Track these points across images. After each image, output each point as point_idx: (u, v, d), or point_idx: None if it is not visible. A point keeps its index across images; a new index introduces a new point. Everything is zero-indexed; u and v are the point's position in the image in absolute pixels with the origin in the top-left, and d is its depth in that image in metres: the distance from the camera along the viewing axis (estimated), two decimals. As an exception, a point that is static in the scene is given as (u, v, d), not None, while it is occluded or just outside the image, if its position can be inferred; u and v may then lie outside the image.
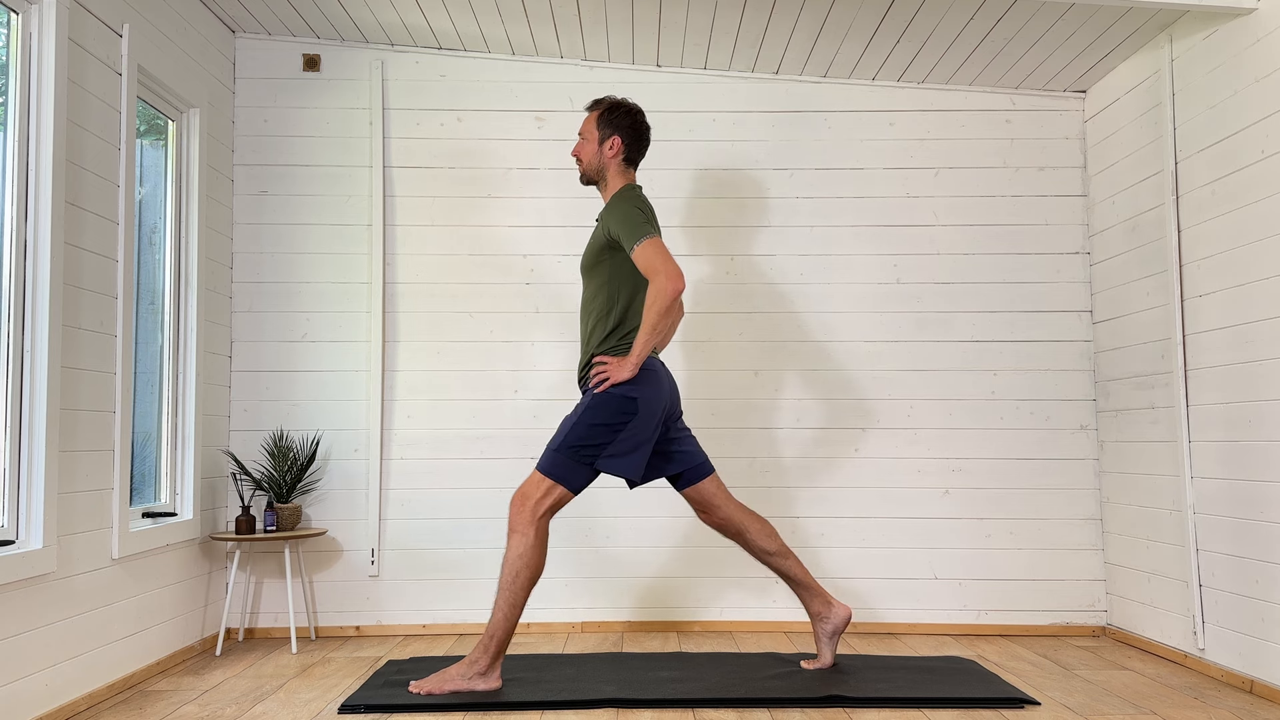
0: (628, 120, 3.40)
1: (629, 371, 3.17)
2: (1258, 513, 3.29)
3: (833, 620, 3.47)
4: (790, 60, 4.31)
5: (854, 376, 4.36)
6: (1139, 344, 3.98)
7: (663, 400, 3.27)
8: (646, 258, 3.13)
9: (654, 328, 3.14)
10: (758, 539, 3.45)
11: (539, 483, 3.20)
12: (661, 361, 3.37)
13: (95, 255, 3.27)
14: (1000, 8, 3.69)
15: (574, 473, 3.21)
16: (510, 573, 3.17)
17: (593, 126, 3.41)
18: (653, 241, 3.15)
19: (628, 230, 3.18)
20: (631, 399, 3.19)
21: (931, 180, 4.42)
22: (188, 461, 3.93)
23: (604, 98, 3.48)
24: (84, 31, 3.20)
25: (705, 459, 3.46)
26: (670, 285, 3.10)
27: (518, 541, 3.17)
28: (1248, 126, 3.32)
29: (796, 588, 3.49)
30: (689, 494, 3.45)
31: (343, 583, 4.29)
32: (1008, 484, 4.32)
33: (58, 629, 3.03)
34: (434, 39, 4.35)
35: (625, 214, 3.22)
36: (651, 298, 3.12)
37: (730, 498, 3.47)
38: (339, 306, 4.36)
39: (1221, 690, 3.34)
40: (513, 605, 3.17)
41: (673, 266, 3.12)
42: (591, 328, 3.33)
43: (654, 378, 3.25)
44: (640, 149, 3.44)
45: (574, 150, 3.46)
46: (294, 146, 4.40)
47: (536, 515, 3.18)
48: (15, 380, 2.95)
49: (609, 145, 3.38)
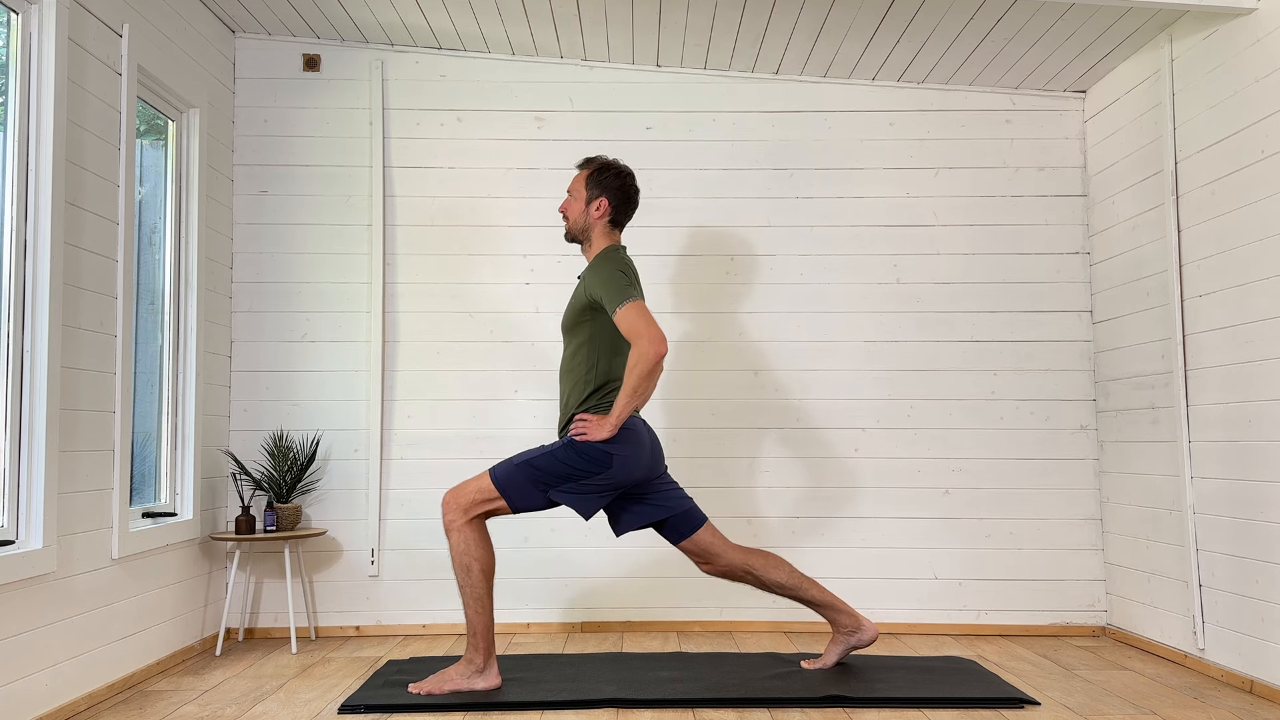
0: (616, 183, 3.37)
1: (608, 432, 3.14)
2: (1258, 513, 3.29)
3: (859, 634, 3.46)
4: (790, 60, 4.31)
5: (854, 376, 4.36)
6: (1139, 344, 3.98)
7: (641, 461, 3.23)
8: (629, 321, 3.09)
9: (635, 390, 3.11)
10: (765, 574, 3.42)
11: (485, 488, 3.18)
12: (643, 420, 3.33)
13: (95, 255, 3.27)
14: (1000, 8, 3.69)
15: (525, 494, 3.19)
16: (462, 569, 3.17)
17: (581, 186, 3.39)
18: (635, 305, 3.11)
19: (610, 293, 3.15)
20: (608, 454, 3.17)
21: (931, 180, 4.42)
22: (188, 461, 3.94)
23: (595, 157, 3.45)
24: (84, 31, 3.20)
25: (694, 507, 3.41)
26: (654, 349, 3.06)
27: (458, 539, 3.16)
28: (1248, 126, 3.32)
29: (823, 610, 3.47)
30: (686, 547, 3.40)
31: (343, 583, 4.29)
32: (1008, 484, 4.32)
33: (58, 629, 3.03)
34: (434, 39, 4.35)
35: (608, 277, 3.19)
36: (634, 361, 3.09)
37: (728, 543, 3.42)
38: (339, 306, 4.36)
39: (1221, 690, 3.34)
40: (479, 599, 3.17)
41: (656, 331, 3.08)
42: (571, 389, 3.30)
43: (635, 436, 3.21)
44: (627, 212, 3.41)
45: (561, 206, 3.43)
46: (294, 146, 4.40)
47: (469, 516, 3.17)
48: (15, 380, 2.95)
49: (596, 206, 3.35)
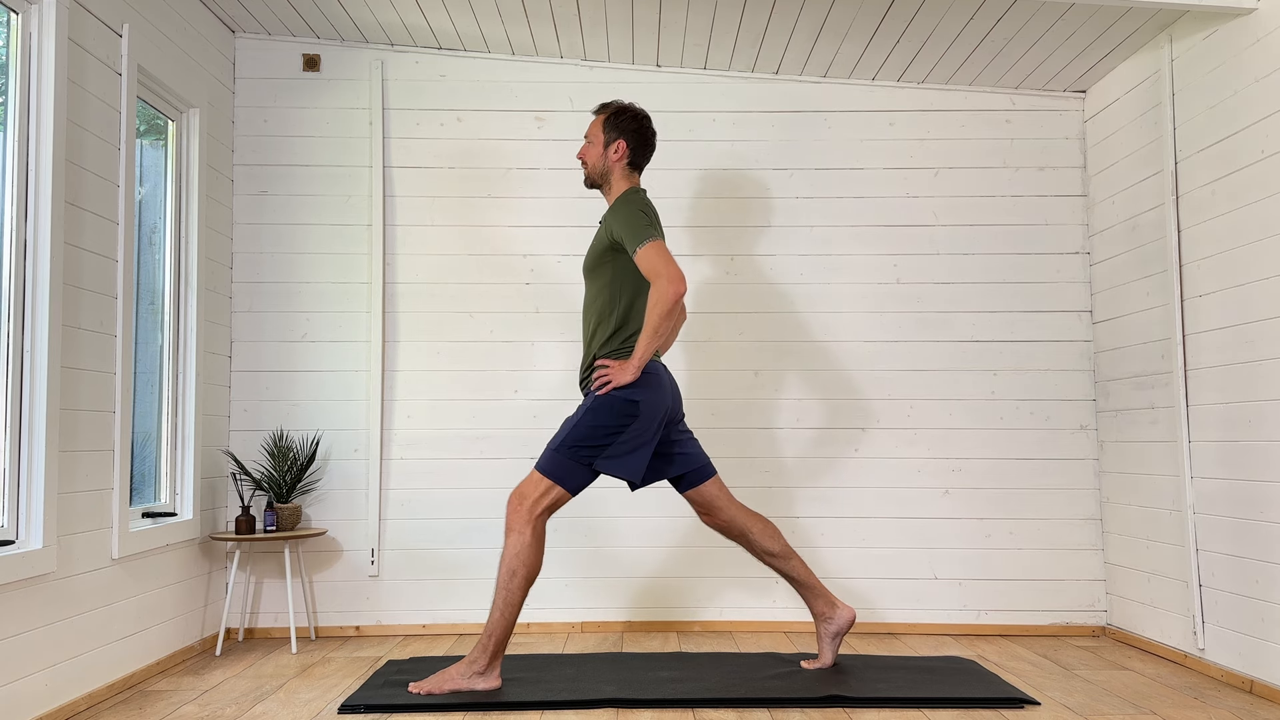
0: (634, 125, 3.40)
1: (631, 375, 3.17)
2: (1258, 513, 3.29)
3: (836, 621, 3.48)
4: (790, 60, 4.31)
5: (854, 376, 4.36)
6: (1139, 344, 3.98)
7: (665, 403, 3.27)
8: (649, 260, 3.14)
9: (656, 330, 3.14)
10: (760, 540, 3.46)
11: (537, 482, 3.21)
12: (664, 364, 3.37)
13: (95, 255, 3.27)
14: (1000, 8, 3.69)
15: (573, 473, 3.21)
16: (507, 572, 3.17)
17: (599, 130, 3.41)
18: (655, 244, 3.15)
19: (631, 233, 3.19)
20: (634, 402, 3.20)
21: (931, 180, 4.42)
22: (188, 461, 3.94)
23: (610, 101, 3.48)
24: (84, 31, 3.20)
25: (707, 461, 3.47)
26: (672, 288, 3.10)
27: (514, 541, 3.18)
28: (1248, 126, 3.32)
29: (800, 588, 3.50)
30: (691, 496, 3.46)
31: (343, 583, 4.29)
32: (1008, 484, 4.32)
33: (58, 629, 3.03)
34: (434, 39, 4.35)
35: (629, 217, 3.23)
36: (653, 301, 3.13)
37: (732, 499, 3.47)
38: (339, 306, 4.36)
39: (1221, 690, 3.34)
40: (509, 604, 3.18)
41: (675, 270, 3.12)
42: (593, 329, 3.34)
43: (656, 380, 3.26)
44: (646, 154, 3.44)
45: (579, 153, 3.46)
46: (294, 146, 4.40)
47: (534, 515, 3.18)
48: (15, 380, 2.95)
49: (614, 149, 3.38)
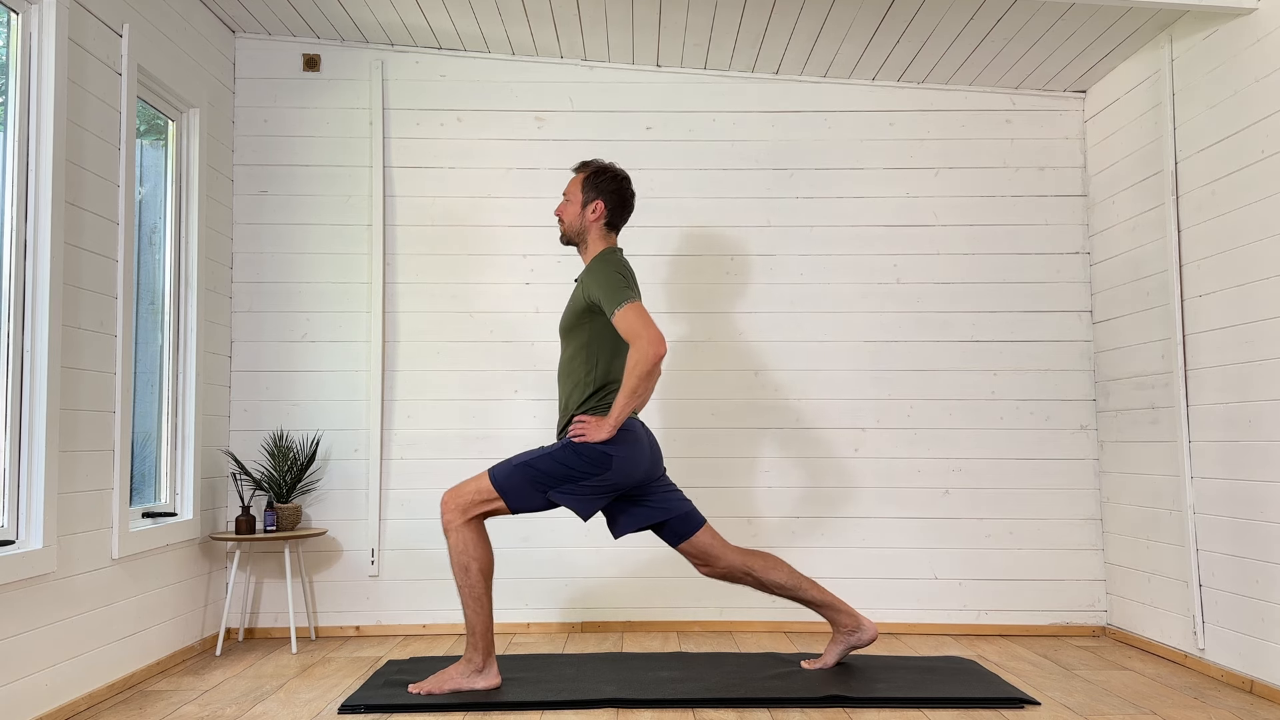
0: (613, 185, 3.38)
1: (607, 433, 3.14)
2: (1258, 513, 3.29)
3: (859, 634, 3.47)
4: (790, 60, 4.31)
5: (854, 376, 4.36)
6: (1139, 344, 3.98)
7: (641, 463, 3.24)
8: (628, 322, 3.10)
9: (634, 391, 3.11)
10: (765, 575, 3.42)
11: (484, 489, 3.18)
12: (642, 422, 3.33)
13: (95, 255, 3.27)
14: (1000, 8, 3.69)
15: (524, 495, 3.19)
16: (460, 569, 3.17)
17: (577, 189, 3.39)
18: (634, 306, 3.12)
19: (608, 295, 3.16)
20: (608, 455, 3.17)
21: (931, 180, 4.42)
22: (188, 461, 3.94)
23: (591, 160, 3.45)
24: (84, 31, 3.20)
25: (693, 509, 3.41)
26: (653, 350, 3.07)
27: (456, 539, 3.17)
28: (1248, 126, 3.32)
29: (822, 610, 3.47)
30: (685, 550, 3.40)
31: (343, 583, 4.29)
32: (1008, 484, 4.32)
33: (58, 629, 3.03)
34: (434, 39, 4.35)
35: (606, 278, 3.20)
36: (633, 363, 3.09)
37: (728, 545, 3.42)
38: (339, 306, 4.36)
39: (1221, 690, 3.34)
40: (476, 599, 3.17)
41: (655, 331, 3.09)
42: (570, 390, 3.30)
43: (633, 438, 3.22)
44: (623, 215, 3.41)
45: (557, 210, 3.44)
46: (294, 146, 4.40)
47: (468, 516, 3.17)
48: (15, 380, 2.95)
49: (592, 209, 3.36)
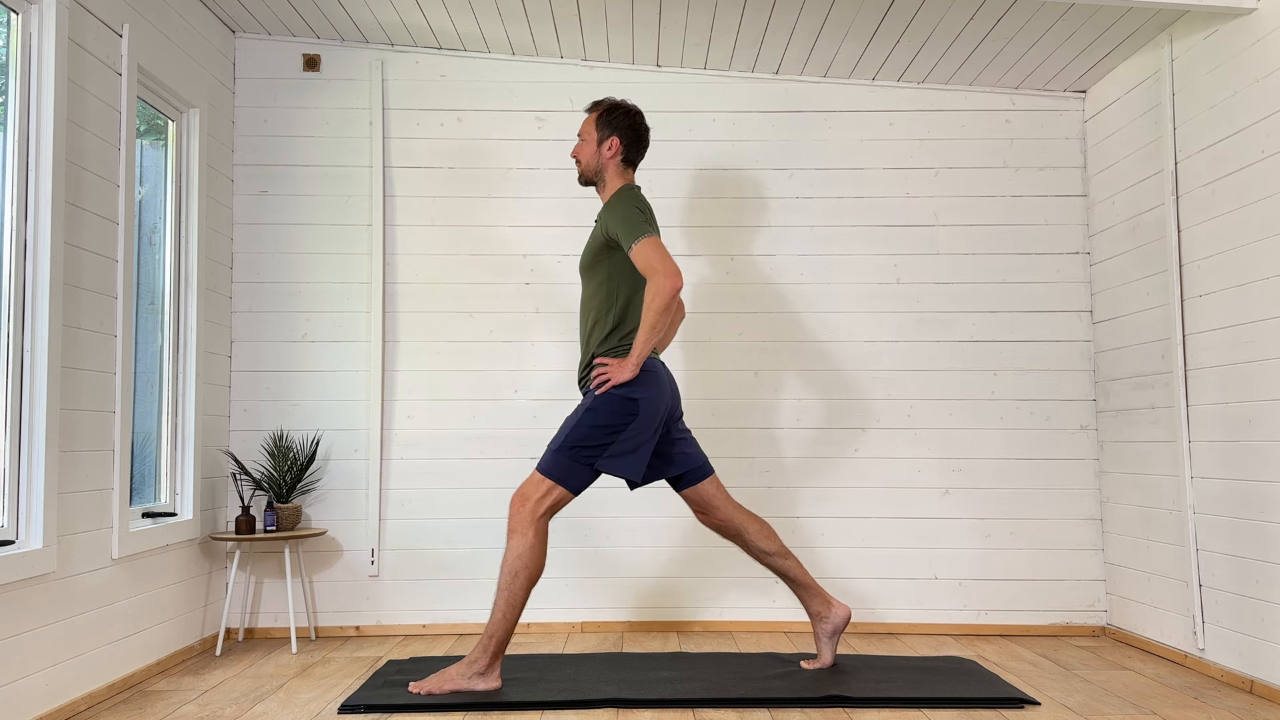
0: (626, 121, 3.41)
1: (629, 372, 3.17)
2: (1258, 513, 3.29)
3: (832, 620, 3.48)
4: (790, 60, 4.31)
5: (854, 376, 4.36)
6: (1139, 344, 3.98)
7: (664, 401, 3.27)
8: (645, 256, 3.14)
9: (653, 326, 3.14)
10: (756, 539, 3.46)
11: (539, 483, 3.21)
12: (662, 362, 3.37)
13: (95, 255, 3.27)
14: (1000, 8, 3.69)
15: (574, 473, 3.21)
16: (509, 573, 3.17)
17: (591, 127, 3.42)
18: (651, 240, 3.15)
19: (626, 229, 3.19)
20: (633, 400, 3.20)
21: (931, 180, 4.42)
22: (188, 461, 3.94)
23: (603, 99, 3.49)
24: (84, 31, 3.20)
25: (705, 460, 3.47)
26: (669, 283, 3.10)
27: (517, 542, 3.17)
28: (1248, 126, 3.32)
29: (796, 588, 3.50)
30: (688, 495, 3.46)
31: (343, 583, 4.29)
32: (1008, 484, 4.32)
33: (58, 629, 3.03)
34: (434, 39, 4.35)
35: (624, 213, 3.23)
36: (650, 296, 3.13)
37: (729, 499, 3.48)
38: (339, 306, 4.36)
39: (1221, 690, 3.34)
40: (511, 605, 3.17)
41: (671, 265, 3.12)
42: (591, 327, 3.34)
43: (655, 378, 3.26)
44: (639, 150, 3.44)
45: (573, 151, 3.47)
46: (294, 146, 4.40)
47: (536, 515, 3.18)
48: (15, 380, 2.94)
49: (607, 146, 3.39)
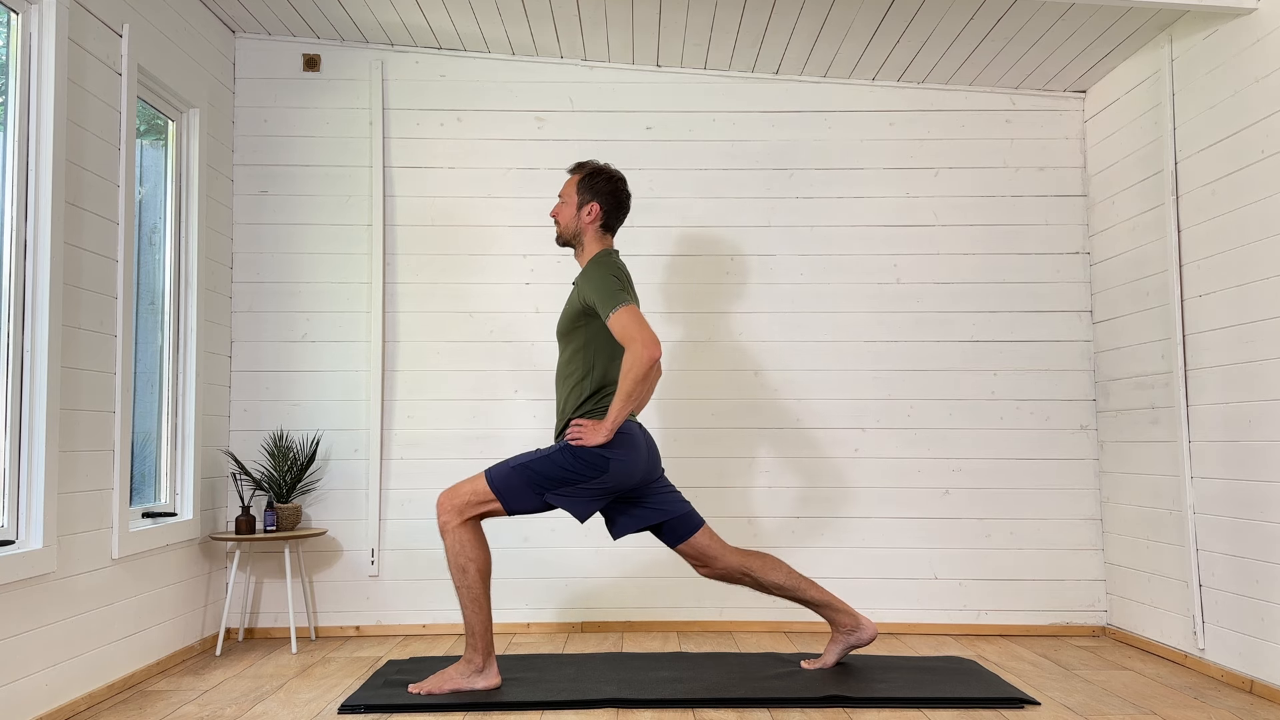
0: (609, 187, 3.37)
1: (603, 436, 3.13)
2: (1258, 513, 3.29)
3: (859, 633, 3.47)
4: (790, 60, 4.31)
5: (854, 376, 4.36)
6: (1139, 344, 3.98)
7: (639, 465, 3.23)
8: (622, 325, 3.09)
9: (629, 395, 3.10)
10: (763, 575, 3.42)
11: (481, 490, 3.17)
12: (640, 424, 3.33)
13: (95, 255, 3.27)
14: (1000, 8, 3.69)
15: (520, 496, 3.18)
16: (458, 570, 3.16)
17: (573, 190, 3.39)
18: (629, 309, 3.11)
19: (603, 298, 3.15)
20: (605, 458, 3.16)
21: (931, 180, 4.42)
22: (188, 461, 3.94)
23: (586, 162, 3.45)
24: (84, 31, 3.20)
25: (691, 510, 3.41)
26: (646, 353, 3.05)
27: (452, 540, 3.16)
28: (1248, 126, 3.32)
29: (822, 610, 3.47)
30: (683, 550, 3.40)
31: (343, 583, 4.29)
32: (1008, 484, 4.32)
33: (58, 629, 3.03)
34: (434, 39, 4.35)
35: (601, 281, 3.19)
36: (628, 365, 3.08)
37: (726, 546, 3.41)
38: (339, 306, 4.36)
39: (1221, 690, 3.34)
40: (474, 600, 3.16)
41: (649, 334, 3.08)
42: (567, 394, 3.30)
43: (631, 441, 3.21)
44: (619, 216, 3.41)
45: (553, 211, 3.43)
46: (294, 146, 4.40)
47: (464, 517, 3.16)
48: (15, 380, 2.95)
49: (587, 211, 3.35)
